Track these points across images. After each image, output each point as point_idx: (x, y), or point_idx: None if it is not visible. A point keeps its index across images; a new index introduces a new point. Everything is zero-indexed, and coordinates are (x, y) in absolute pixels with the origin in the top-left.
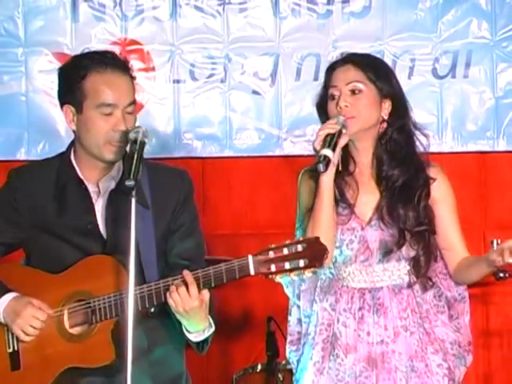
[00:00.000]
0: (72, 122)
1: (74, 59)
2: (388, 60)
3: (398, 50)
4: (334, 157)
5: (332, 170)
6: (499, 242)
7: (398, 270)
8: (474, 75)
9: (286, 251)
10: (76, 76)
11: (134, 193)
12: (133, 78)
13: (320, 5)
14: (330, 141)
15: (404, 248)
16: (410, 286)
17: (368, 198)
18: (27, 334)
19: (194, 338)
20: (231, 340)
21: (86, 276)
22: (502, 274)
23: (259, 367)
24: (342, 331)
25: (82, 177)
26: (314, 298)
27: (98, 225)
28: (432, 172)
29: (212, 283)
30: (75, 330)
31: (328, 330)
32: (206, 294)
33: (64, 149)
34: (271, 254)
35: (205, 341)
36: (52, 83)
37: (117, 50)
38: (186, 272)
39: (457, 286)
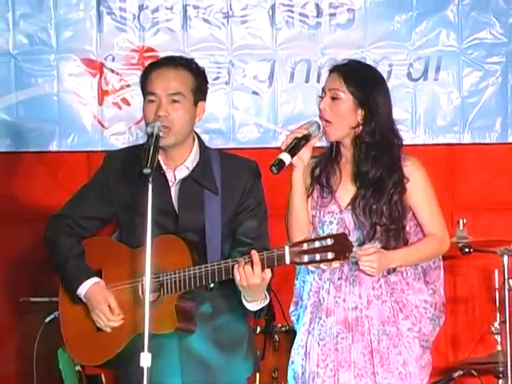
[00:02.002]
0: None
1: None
2: None
3: (378, 56)
4: (302, 152)
5: (301, 167)
6: (465, 221)
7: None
8: (443, 78)
9: (317, 244)
10: (142, 77)
11: (150, 179)
12: (192, 73)
13: (310, 17)
14: (294, 145)
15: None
16: None
17: (348, 186)
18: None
19: (251, 306)
20: None
21: (157, 253)
22: (467, 249)
23: (258, 329)
24: (325, 297)
25: (162, 163)
26: (308, 269)
27: (173, 206)
28: (407, 171)
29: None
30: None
31: (315, 296)
32: (267, 273)
33: (89, 142)
34: (305, 246)
35: (261, 309)
36: (79, 85)
37: (135, 56)
38: (253, 252)
39: None
